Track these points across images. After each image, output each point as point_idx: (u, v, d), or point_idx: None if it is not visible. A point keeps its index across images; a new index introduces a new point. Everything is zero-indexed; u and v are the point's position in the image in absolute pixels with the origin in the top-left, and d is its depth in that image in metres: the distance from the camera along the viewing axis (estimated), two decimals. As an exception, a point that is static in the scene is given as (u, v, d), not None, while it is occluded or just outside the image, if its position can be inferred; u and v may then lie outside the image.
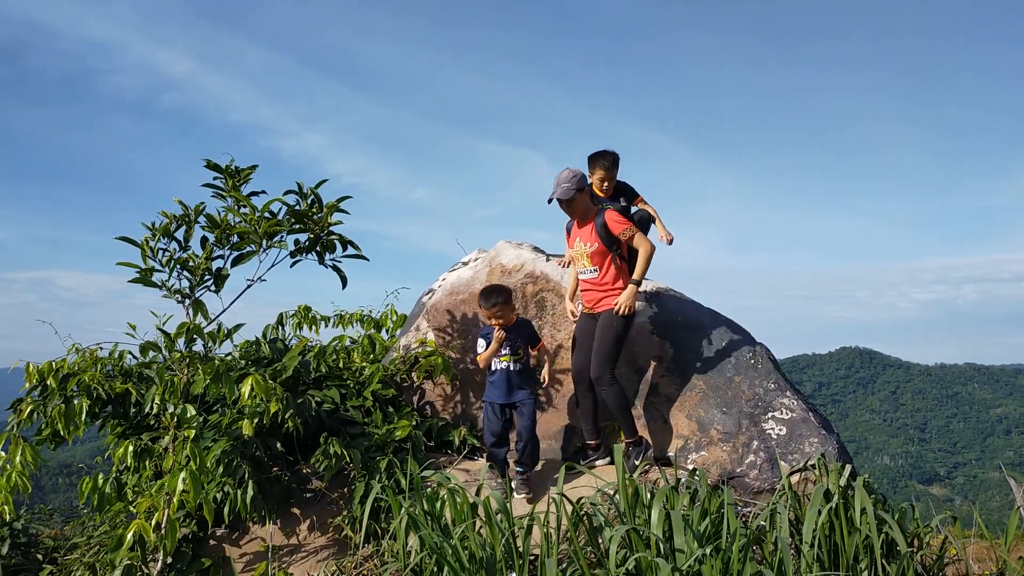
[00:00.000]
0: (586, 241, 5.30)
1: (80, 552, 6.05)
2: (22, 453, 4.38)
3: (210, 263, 5.01)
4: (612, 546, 2.78)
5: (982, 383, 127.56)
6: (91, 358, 4.96)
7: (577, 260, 5.43)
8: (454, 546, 2.85)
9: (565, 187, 5.19)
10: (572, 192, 5.18)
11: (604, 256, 5.26)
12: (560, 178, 5.23)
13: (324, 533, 4.89)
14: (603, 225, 5.23)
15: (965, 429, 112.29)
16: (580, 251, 5.36)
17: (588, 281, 5.36)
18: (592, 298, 5.35)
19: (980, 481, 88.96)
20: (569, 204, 5.26)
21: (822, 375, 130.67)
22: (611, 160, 5.73)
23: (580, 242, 5.36)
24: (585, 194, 5.28)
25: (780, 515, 3.01)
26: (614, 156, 5.76)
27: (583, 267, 5.36)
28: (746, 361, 5.52)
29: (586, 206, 5.32)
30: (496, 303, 5.24)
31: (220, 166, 5.10)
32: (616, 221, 5.22)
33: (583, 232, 5.35)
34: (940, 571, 3.40)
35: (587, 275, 5.34)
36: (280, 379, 5.33)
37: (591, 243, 5.26)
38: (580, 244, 5.36)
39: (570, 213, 5.34)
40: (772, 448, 5.11)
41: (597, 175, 5.74)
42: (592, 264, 5.28)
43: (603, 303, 5.28)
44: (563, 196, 5.20)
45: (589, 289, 5.37)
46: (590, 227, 5.29)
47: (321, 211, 5.24)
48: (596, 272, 5.29)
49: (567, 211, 5.33)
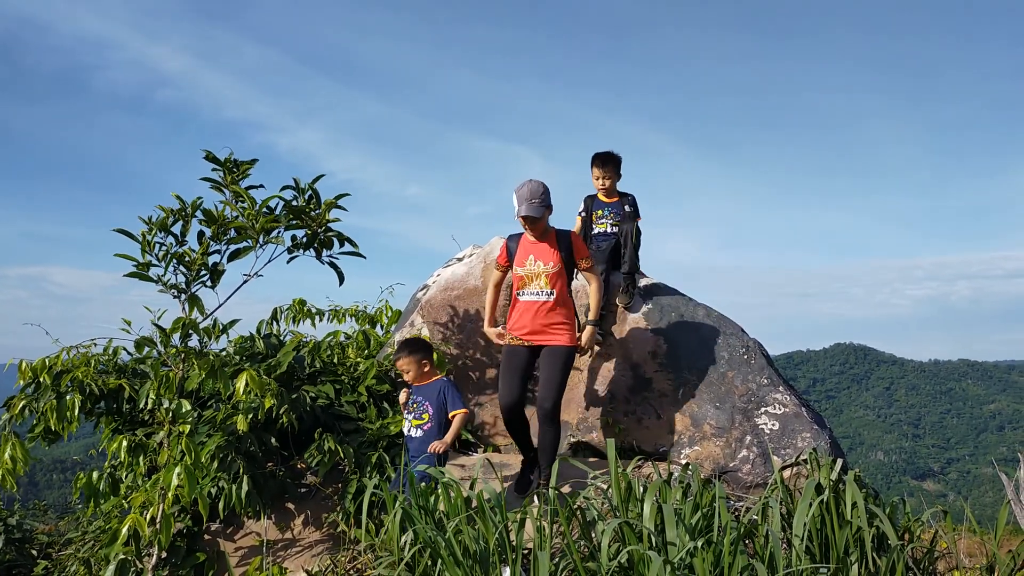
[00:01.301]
0: (547, 260, 4.81)
1: (75, 547, 6.06)
2: (12, 449, 4.38)
3: (206, 258, 5.01)
4: (605, 539, 2.80)
5: (976, 379, 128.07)
6: (84, 355, 4.96)
7: (528, 280, 4.86)
8: (448, 540, 2.87)
9: (535, 204, 4.72)
10: (542, 210, 4.73)
11: (561, 279, 4.83)
12: (529, 192, 4.73)
13: (319, 528, 4.91)
14: (569, 246, 4.86)
15: (959, 425, 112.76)
16: (536, 270, 4.83)
17: (538, 305, 4.81)
18: (536, 327, 4.81)
19: (973, 477, 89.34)
20: (535, 222, 4.79)
21: (817, 371, 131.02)
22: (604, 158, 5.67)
23: (537, 260, 4.84)
24: (550, 211, 4.85)
25: (772, 509, 3.03)
26: (610, 155, 5.69)
27: (537, 288, 4.82)
28: (739, 357, 5.54)
29: (547, 223, 4.88)
30: (399, 356, 4.81)
31: (219, 159, 5.09)
32: (582, 245, 4.93)
33: (540, 250, 4.86)
34: (931, 565, 3.43)
35: (538, 297, 4.81)
36: (275, 375, 5.34)
37: (553, 263, 4.80)
38: (537, 263, 4.84)
39: (533, 230, 4.84)
40: (765, 443, 5.14)
41: (593, 175, 5.67)
42: (549, 287, 4.78)
43: (549, 335, 4.81)
44: (535, 214, 4.71)
45: (535, 314, 4.82)
46: (550, 246, 4.84)
47: (319, 207, 5.24)
48: (552, 296, 4.79)
49: (530, 228, 4.83)
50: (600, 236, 5.78)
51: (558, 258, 4.81)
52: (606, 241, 5.72)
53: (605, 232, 5.75)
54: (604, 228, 5.76)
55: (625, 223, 5.64)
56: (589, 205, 5.87)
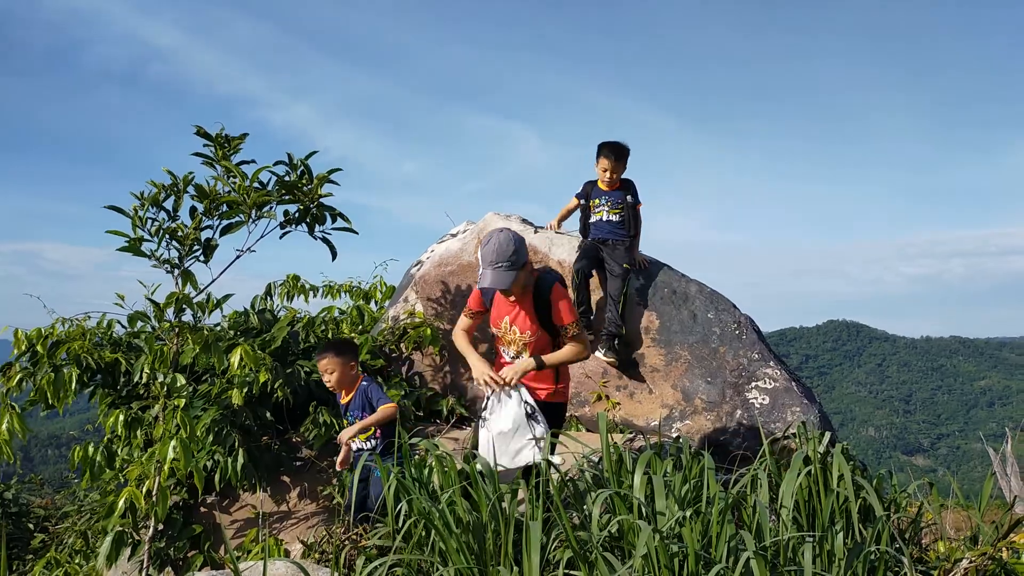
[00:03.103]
0: (523, 329, 3.98)
1: (71, 521, 6.11)
2: (9, 420, 4.41)
3: (199, 233, 5.01)
4: (595, 509, 2.85)
5: (967, 356, 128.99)
6: (79, 328, 4.98)
7: (507, 343, 4.08)
8: (442, 510, 2.92)
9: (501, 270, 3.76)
10: (512, 276, 3.79)
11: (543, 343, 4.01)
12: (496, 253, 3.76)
13: (314, 500, 4.96)
14: (548, 310, 3.92)
15: (949, 401, 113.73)
16: (512, 337, 4.03)
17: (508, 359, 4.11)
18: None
19: (963, 452, 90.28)
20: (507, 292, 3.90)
21: (809, 348, 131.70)
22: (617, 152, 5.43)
23: (512, 326, 4.01)
24: (526, 268, 3.91)
25: (760, 480, 3.08)
26: (621, 148, 5.45)
27: (515, 353, 4.05)
28: (731, 332, 5.59)
29: (526, 281, 3.93)
30: (323, 356, 4.29)
31: (210, 134, 5.08)
32: (568, 310, 3.92)
33: (516, 313, 4.00)
34: (916, 535, 3.49)
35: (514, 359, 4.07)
36: (269, 349, 5.36)
37: (530, 332, 3.97)
38: (513, 328, 4.01)
39: (505, 295, 3.97)
40: (755, 417, 5.20)
41: (601, 165, 5.45)
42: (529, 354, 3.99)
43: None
44: (502, 286, 3.79)
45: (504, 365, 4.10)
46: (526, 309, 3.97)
47: (311, 182, 5.24)
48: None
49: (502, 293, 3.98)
50: (598, 225, 5.59)
51: (536, 327, 3.97)
52: (606, 228, 5.56)
53: (602, 220, 5.57)
54: (601, 216, 5.57)
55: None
56: (588, 191, 5.66)
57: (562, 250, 5.94)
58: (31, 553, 6.43)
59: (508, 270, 3.76)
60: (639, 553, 2.52)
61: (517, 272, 3.80)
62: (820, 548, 2.85)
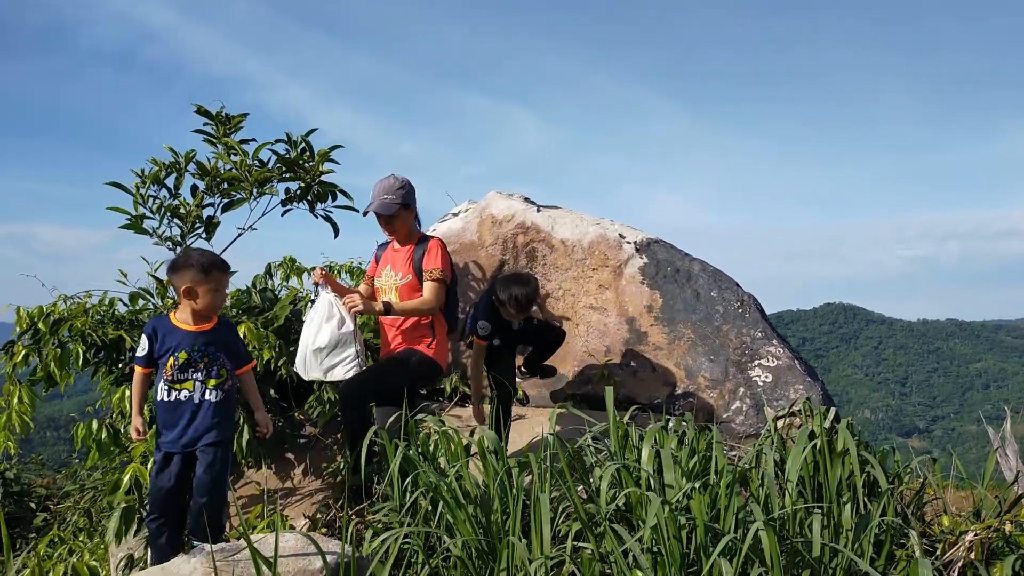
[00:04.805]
0: (398, 271, 4.27)
1: (74, 499, 6.13)
2: (19, 395, 4.41)
3: (201, 211, 5.00)
4: (603, 483, 2.86)
5: (963, 338, 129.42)
6: (81, 306, 4.96)
7: (384, 292, 4.34)
8: (449, 483, 2.92)
9: (387, 200, 4.14)
10: (395, 207, 4.16)
11: (416, 293, 4.23)
12: (382, 187, 4.19)
13: (319, 477, 4.97)
14: (423, 254, 4.19)
15: (945, 383, 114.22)
16: (389, 282, 4.31)
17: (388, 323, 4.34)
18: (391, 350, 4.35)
19: (958, 434, 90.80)
20: (389, 221, 4.22)
21: (806, 330, 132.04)
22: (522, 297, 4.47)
23: (391, 271, 4.32)
24: (411, 213, 4.28)
25: (765, 455, 3.09)
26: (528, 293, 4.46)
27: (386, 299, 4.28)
28: (734, 310, 5.59)
29: (411, 228, 4.31)
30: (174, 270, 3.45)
31: (211, 112, 5.05)
32: (437, 257, 4.17)
33: (397, 258, 4.32)
34: (919, 509, 3.51)
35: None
36: (272, 328, 5.35)
37: (404, 274, 4.24)
38: (390, 273, 4.31)
39: (390, 232, 4.32)
40: (758, 394, 5.21)
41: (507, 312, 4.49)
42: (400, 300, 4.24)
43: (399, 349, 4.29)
44: (383, 211, 4.14)
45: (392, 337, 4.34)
46: (407, 254, 4.27)
47: (312, 160, 5.22)
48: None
49: (386, 229, 4.30)
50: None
51: (409, 270, 4.20)
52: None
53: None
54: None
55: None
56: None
57: (565, 228, 5.93)
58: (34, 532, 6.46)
59: (392, 203, 4.13)
60: (648, 524, 2.53)
61: (399, 207, 4.15)
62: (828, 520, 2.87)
